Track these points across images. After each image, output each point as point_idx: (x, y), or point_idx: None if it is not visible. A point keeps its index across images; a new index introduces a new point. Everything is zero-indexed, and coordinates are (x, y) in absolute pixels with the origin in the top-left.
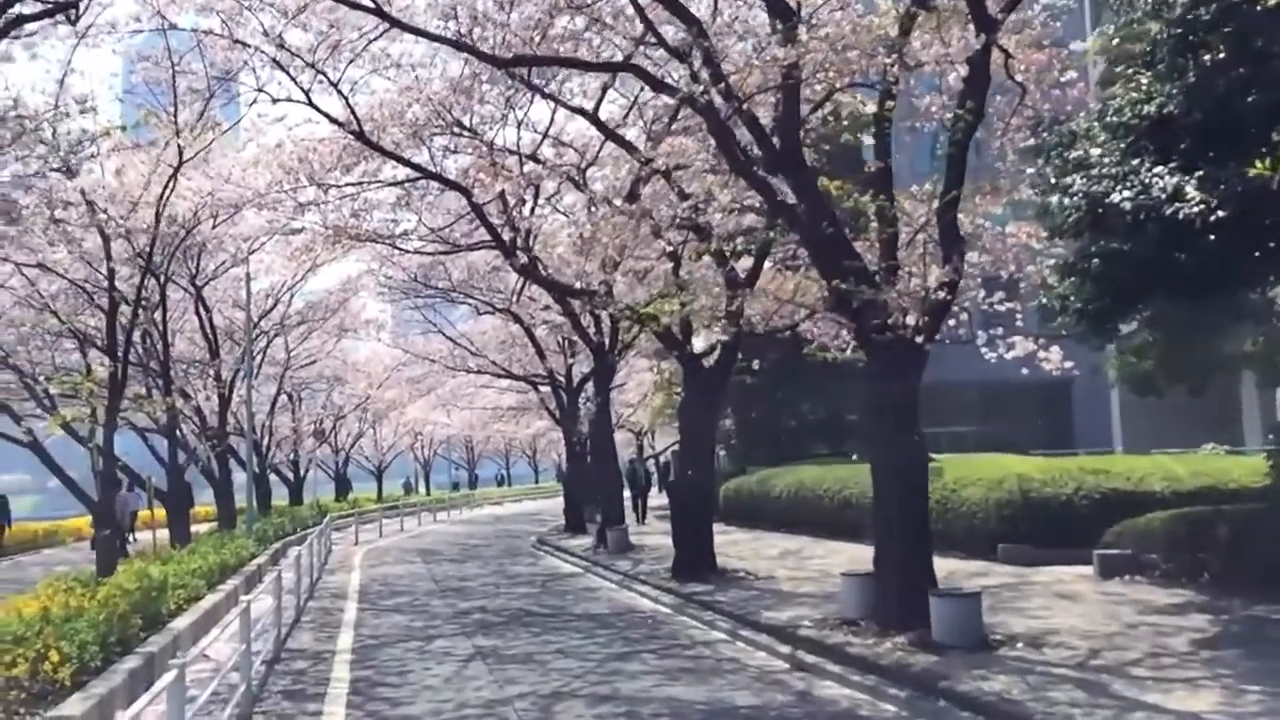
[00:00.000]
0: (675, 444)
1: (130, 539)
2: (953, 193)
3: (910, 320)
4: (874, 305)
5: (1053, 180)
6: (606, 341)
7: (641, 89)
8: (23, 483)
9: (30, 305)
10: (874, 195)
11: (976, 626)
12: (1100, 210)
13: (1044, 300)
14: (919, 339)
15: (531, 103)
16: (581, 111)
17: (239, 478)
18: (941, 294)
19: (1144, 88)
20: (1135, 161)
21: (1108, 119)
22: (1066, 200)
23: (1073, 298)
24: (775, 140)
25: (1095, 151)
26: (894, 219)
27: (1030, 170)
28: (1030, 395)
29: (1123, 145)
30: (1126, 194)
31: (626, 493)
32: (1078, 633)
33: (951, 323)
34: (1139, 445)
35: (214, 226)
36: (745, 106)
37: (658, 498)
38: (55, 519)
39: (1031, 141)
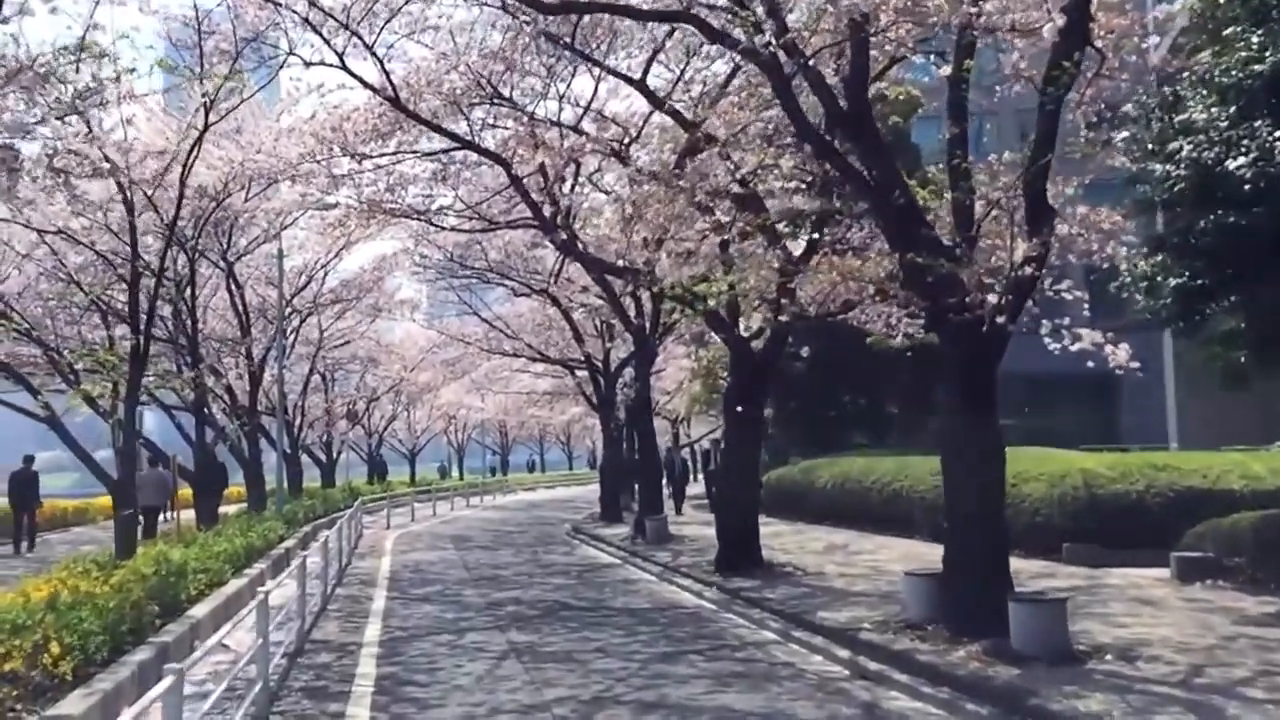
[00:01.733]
0: (712, 432)
1: (165, 518)
2: (1044, 158)
3: (991, 299)
4: (950, 281)
5: (1151, 147)
6: (648, 325)
7: (689, 60)
8: (60, 459)
9: (57, 278)
10: (950, 158)
11: (1062, 636)
12: (1209, 178)
13: (1127, 279)
14: (1000, 319)
15: (574, 74)
16: (628, 79)
17: (271, 458)
18: (1028, 270)
19: (1254, 46)
20: (1256, 124)
21: (1216, 79)
22: (1170, 168)
23: (1160, 277)
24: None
25: (1200, 116)
26: (971, 188)
27: (1124, 134)
28: (1076, 388)
29: (1233, 108)
30: (1243, 160)
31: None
32: (1171, 644)
33: None
34: (1195, 441)
35: (246, 199)
36: (811, 62)
37: (693, 487)
38: (92, 496)
39: (1128, 108)
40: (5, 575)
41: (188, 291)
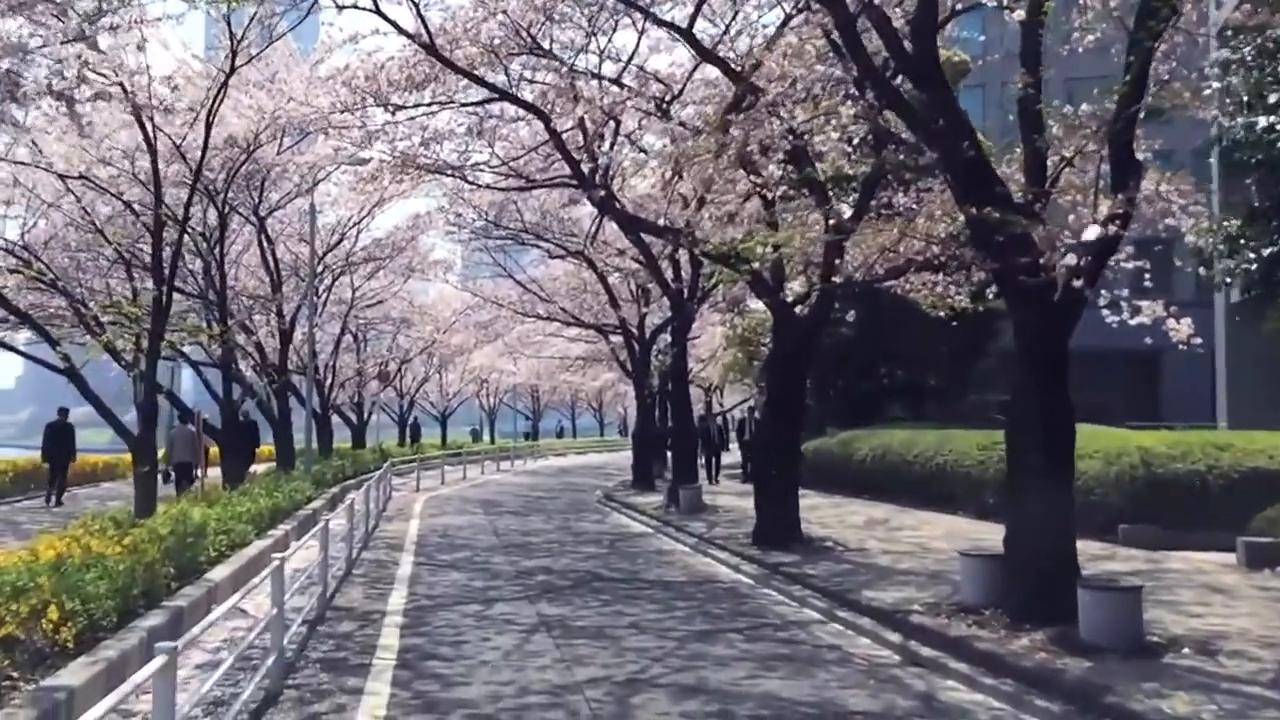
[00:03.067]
0: (745, 401)
1: (195, 475)
2: (1134, 105)
3: (1070, 260)
4: (1022, 241)
5: (1244, 98)
6: (685, 290)
7: (736, 11)
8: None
9: (83, 228)
10: (1022, 107)
11: (1135, 626)
12: None
13: (1207, 243)
14: (1077, 283)
15: (615, 27)
16: (674, 26)
17: (301, 418)
18: (1112, 228)
19: None
20: None
21: None
22: (1273, 119)
23: (1243, 240)
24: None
25: None
26: (1046, 140)
27: (1214, 86)
28: (1116, 364)
29: None
30: None
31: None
32: (1253, 638)
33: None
34: (1246, 420)
35: (278, 152)
36: (876, 1)
37: (727, 456)
38: (125, 451)
39: (1224, 53)
40: (29, 529)
41: (217, 247)
